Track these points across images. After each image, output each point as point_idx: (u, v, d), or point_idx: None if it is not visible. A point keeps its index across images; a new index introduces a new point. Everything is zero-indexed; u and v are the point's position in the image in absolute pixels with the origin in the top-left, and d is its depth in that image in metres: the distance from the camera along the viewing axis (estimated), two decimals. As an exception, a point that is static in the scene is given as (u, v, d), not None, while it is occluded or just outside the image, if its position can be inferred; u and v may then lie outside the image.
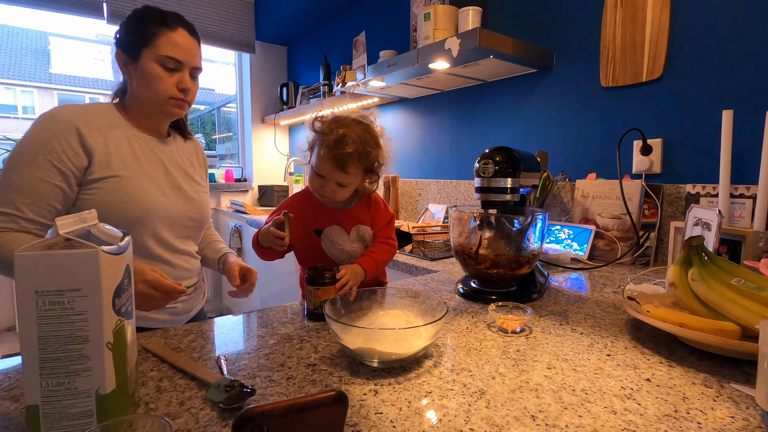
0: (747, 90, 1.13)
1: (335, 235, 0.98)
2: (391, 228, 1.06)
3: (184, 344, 0.68)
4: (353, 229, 1.00)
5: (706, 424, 0.46)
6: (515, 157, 0.91)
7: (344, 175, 0.90)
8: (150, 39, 0.86)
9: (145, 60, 0.87)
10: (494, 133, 1.84)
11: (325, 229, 0.98)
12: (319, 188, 0.93)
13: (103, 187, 0.84)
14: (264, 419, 0.35)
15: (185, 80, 0.91)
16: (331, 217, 0.98)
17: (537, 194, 1.50)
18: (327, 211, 0.99)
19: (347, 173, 0.90)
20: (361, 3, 2.56)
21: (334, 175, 0.90)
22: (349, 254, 1.00)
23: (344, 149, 0.87)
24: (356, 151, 0.88)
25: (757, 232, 1.01)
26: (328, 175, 0.90)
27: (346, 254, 1.00)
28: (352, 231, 1.00)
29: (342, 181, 0.91)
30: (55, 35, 17.02)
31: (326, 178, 0.91)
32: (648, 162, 1.32)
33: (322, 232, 0.98)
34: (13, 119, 14.83)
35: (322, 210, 0.98)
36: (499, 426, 0.46)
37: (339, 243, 0.99)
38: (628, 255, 1.28)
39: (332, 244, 0.98)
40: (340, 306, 0.70)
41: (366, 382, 0.55)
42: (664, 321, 0.65)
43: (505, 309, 0.77)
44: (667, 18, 1.26)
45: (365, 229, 1.02)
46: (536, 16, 1.63)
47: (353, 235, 1.00)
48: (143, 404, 0.50)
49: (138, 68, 0.87)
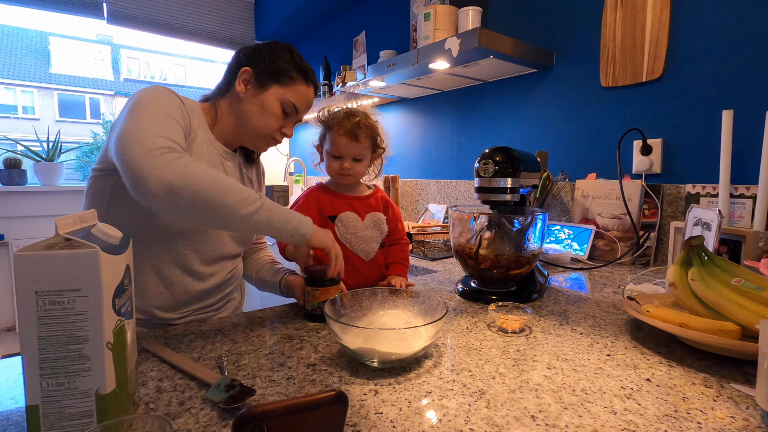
0: (747, 90, 1.13)
1: (350, 220, 1.02)
2: (403, 226, 1.13)
3: (184, 344, 0.68)
4: (368, 215, 1.04)
5: (706, 424, 0.46)
6: (515, 157, 0.91)
7: (358, 144, 0.97)
8: (286, 81, 0.87)
9: (272, 94, 0.86)
10: (494, 133, 1.84)
11: (339, 215, 1.01)
12: (339, 169, 0.99)
13: None
14: (264, 419, 0.35)
15: (290, 128, 0.92)
16: (347, 205, 1.02)
17: (537, 194, 1.50)
18: (343, 199, 1.03)
19: (360, 142, 0.97)
20: (361, 3, 2.56)
21: (349, 148, 0.96)
22: (364, 240, 1.03)
23: (353, 119, 0.97)
24: (362, 121, 0.98)
25: (757, 232, 1.01)
26: (345, 149, 0.97)
27: (360, 239, 1.02)
28: (367, 217, 1.04)
29: (357, 154, 0.98)
30: (55, 35, 17.03)
31: (343, 155, 0.97)
32: (648, 162, 1.32)
33: (336, 217, 1.01)
34: (13, 119, 14.84)
35: (338, 197, 1.02)
36: (499, 426, 0.46)
37: (353, 228, 1.02)
38: (628, 255, 1.28)
39: (346, 228, 1.01)
40: (340, 306, 0.70)
41: (366, 382, 0.55)
42: (664, 321, 0.65)
43: (505, 309, 0.77)
44: (667, 18, 1.26)
45: (380, 217, 1.05)
46: (536, 16, 1.63)
47: (368, 221, 1.04)
48: (143, 404, 0.50)
49: (260, 96, 0.86)
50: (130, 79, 17.81)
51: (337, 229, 1.00)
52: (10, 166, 2.49)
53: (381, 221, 1.05)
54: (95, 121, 15.76)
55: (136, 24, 2.69)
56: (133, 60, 18.43)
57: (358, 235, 1.02)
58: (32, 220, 2.53)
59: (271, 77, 0.86)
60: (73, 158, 3.95)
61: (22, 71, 15.60)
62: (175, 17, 2.82)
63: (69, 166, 3.01)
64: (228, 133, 0.91)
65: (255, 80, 0.86)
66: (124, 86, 17.35)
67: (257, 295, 2.62)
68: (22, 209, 2.49)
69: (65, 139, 2.81)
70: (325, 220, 1.00)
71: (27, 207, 2.51)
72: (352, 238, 1.01)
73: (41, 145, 2.62)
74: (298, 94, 0.88)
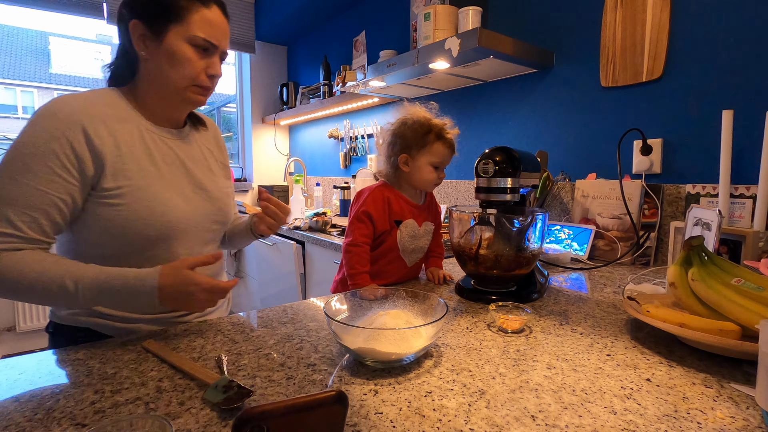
0: (747, 90, 1.13)
1: (412, 228, 1.05)
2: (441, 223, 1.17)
3: (184, 344, 0.68)
4: (424, 224, 1.07)
5: (706, 424, 0.46)
6: (515, 157, 0.91)
7: (452, 155, 1.03)
8: (180, 14, 0.73)
9: (173, 38, 0.74)
10: (494, 133, 1.84)
11: (404, 221, 1.03)
12: (436, 179, 1.03)
13: (117, 200, 0.72)
14: (264, 419, 0.35)
15: (216, 66, 0.79)
16: (410, 212, 1.05)
17: (537, 194, 1.50)
18: (408, 204, 1.05)
19: (455, 153, 1.03)
20: (361, 3, 2.56)
21: (449, 158, 1.02)
22: (415, 250, 1.07)
23: (451, 131, 1.01)
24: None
25: (757, 232, 1.01)
26: (446, 160, 1.02)
27: (413, 249, 1.06)
28: (422, 225, 1.07)
29: (449, 163, 1.04)
30: (55, 35, 17.02)
31: (441, 165, 1.02)
32: (648, 162, 1.31)
33: (401, 222, 1.03)
34: (13, 119, 14.82)
35: (405, 202, 1.05)
36: (499, 426, 0.46)
37: (412, 236, 1.05)
38: (628, 255, 1.28)
39: (407, 236, 1.04)
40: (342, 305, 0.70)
41: (366, 382, 0.55)
42: (664, 321, 0.65)
43: (505, 309, 0.77)
44: (667, 18, 1.26)
45: (431, 227, 1.10)
46: (536, 16, 1.63)
47: (423, 229, 1.07)
48: (143, 404, 0.50)
49: (162, 46, 0.74)
50: (130, 79, 17.83)
51: (399, 233, 1.03)
52: (10, 166, 2.48)
53: (431, 230, 1.09)
54: (95, 121, 15.74)
55: (136, 24, 2.69)
56: (133, 60, 18.42)
57: (413, 245, 1.05)
58: (32, 220, 2.53)
59: (164, 19, 0.73)
60: (73, 158, 3.95)
61: (22, 71, 15.59)
62: (175, 17, 2.82)
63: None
64: (156, 106, 0.80)
65: (149, 31, 0.74)
66: (124, 86, 17.35)
67: (257, 295, 2.62)
68: (22, 209, 2.49)
69: (65, 139, 2.80)
70: (392, 223, 1.03)
71: (27, 207, 2.50)
72: (407, 246, 1.04)
73: (41, 145, 2.61)
74: (203, 22, 0.75)
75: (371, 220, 1.00)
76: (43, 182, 0.66)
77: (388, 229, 1.02)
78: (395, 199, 1.03)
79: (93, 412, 0.49)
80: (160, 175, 0.78)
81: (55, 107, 0.69)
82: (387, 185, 1.05)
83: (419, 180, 1.02)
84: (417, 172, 1.01)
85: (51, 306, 0.77)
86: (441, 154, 1.00)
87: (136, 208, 0.73)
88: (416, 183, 1.03)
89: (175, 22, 0.73)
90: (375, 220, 1.00)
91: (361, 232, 0.99)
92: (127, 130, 0.75)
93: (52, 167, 0.67)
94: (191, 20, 0.74)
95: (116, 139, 0.73)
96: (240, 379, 0.56)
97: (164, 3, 0.73)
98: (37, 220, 0.66)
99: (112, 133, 0.73)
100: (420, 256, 1.10)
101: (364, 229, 1.00)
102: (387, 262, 1.05)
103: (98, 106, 0.73)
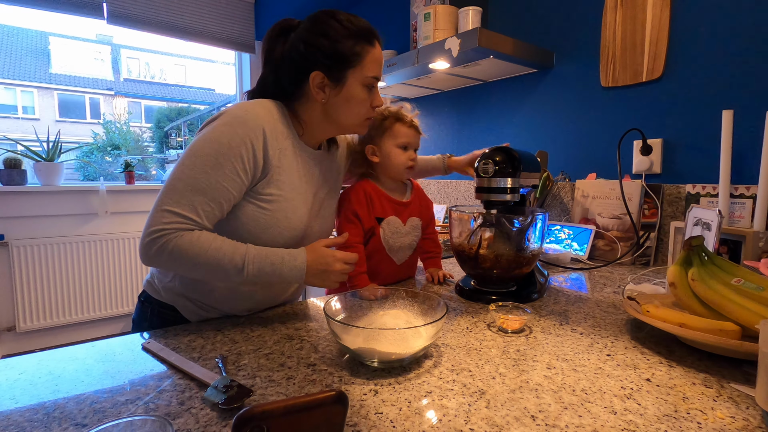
0: (747, 90, 1.13)
1: (395, 225, 1.03)
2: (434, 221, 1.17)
3: (184, 344, 0.68)
4: (409, 220, 1.06)
5: (706, 424, 0.46)
6: (515, 157, 0.91)
7: (419, 136, 1.04)
8: (356, 60, 0.78)
9: (352, 83, 0.79)
10: (494, 133, 1.84)
11: (386, 218, 1.02)
12: (406, 160, 1.02)
13: (266, 205, 0.78)
14: (264, 419, 0.35)
15: (379, 98, 0.85)
16: (392, 208, 1.04)
17: (537, 194, 1.50)
18: (391, 202, 1.04)
19: (420, 134, 1.04)
20: (360, 3, 2.56)
21: (416, 138, 1.03)
22: (401, 248, 1.05)
23: (409, 113, 1.03)
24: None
25: (757, 232, 1.01)
26: (413, 140, 1.02)
27: (399, 247, 1.04)
28: (407, 222, 1.05)
29: (417, 145, 1.04)
30: (55, 35, 17.02)
31: (409, 145, 1.02)
32: (648, 162, 1.31)
33: (383, 220, 1.02)
34: (13, 119, 14.82)
35: (387, 199, 1.03)
36: (499, 426, 0.46)
37: (396, 233, 1.04)
38: (628, 255, 1.28)
39: (390, 233, 1.02)
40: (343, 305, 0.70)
41: (366, 382, 0.55)
42: (664, 321, 0.65)
43: (505, 309, 0.77)
44: (667, 18, 1.26)
45: (418, 222, 1.08)
46: (536, 16, 1.63)
47: (408, 226, 1.05)
48: (143, 404, 0.50)
49: (342, 91, 0.80)
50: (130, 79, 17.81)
51: (382, 231, 1.02)
52: (10, 166, 2.49)
53: (418, 226, 1.08)
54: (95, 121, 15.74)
55: (136, 24, 2.69)
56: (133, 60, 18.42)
57: (398, 243, 1.04)
58: (32, 220, 2.53)
59: (343, 66, 0.78)
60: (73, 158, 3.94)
61: (22, 71, 15.59)
62: (175, 17, 2.82)
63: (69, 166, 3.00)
64: (318, 133, 0.87)
65: (330, 80, 0.79)
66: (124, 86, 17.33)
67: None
68: (22, 209, 2.49)
69: (65, 139, 2.80)
70: (373, 220, 1.01)
71: (27, 207, 2.51)
72: (392, 244, 1.03)
73: (41, 145, 2.61)
74: (373, 63, 0.80)
75: (358, 218, 0.99)
76: (227, 180, 0.73)
77: (372, 226, 1.01)
78: (376, 195, 1.02)
79: (93, 412, 0.49)
80: (301, 190, 0.84)
81: (246, 115, 0.75)
82: (368, 181, 1.04)
83: (392, 166, 1.01)
84: (386, 159, 1.01)
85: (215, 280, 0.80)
86: (404, 134, 1.00)
87: (278, 217, 0.80)
88: (391, 171, 1.02)
89: (353, 68, 0.79)
90: (361, 218, 0.99)
91: (352, 233, 0.98)
92: (287, 146, 0.81)
93: (236, 168, 0.74)
94: (365, 63, 0.79)
95: (280, 152, 0.79)
96: (240, 379, 0.56)
97: (342, 52, 0.78)
98: (213, 211, 0.74)
99: (279, 145, 0.79)
100: (409, 253, 1.08)
101: (355, 229, 0.98)
102: (376, 263, 1.03)
103: (275, 118, 0.79)
